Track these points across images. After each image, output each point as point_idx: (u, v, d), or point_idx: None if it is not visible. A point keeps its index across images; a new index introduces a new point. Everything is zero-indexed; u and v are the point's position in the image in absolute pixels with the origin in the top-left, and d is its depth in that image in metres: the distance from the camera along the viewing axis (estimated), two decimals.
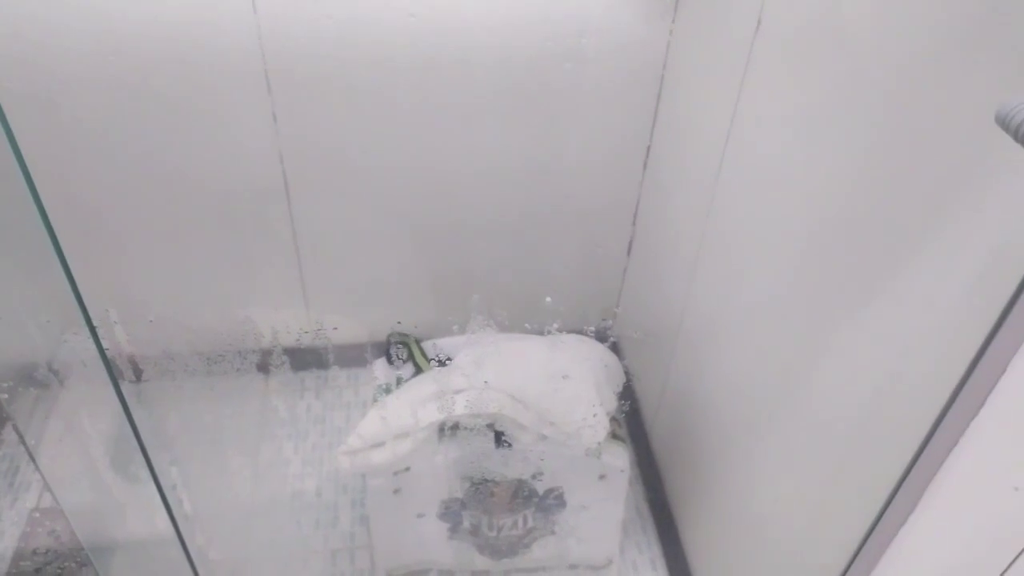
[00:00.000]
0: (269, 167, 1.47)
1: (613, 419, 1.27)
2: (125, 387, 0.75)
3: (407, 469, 1.23)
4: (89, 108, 1.33)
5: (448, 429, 1.22)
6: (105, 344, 0.70)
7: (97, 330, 0.69)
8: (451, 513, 1.32)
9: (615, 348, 1.37)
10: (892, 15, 0.78)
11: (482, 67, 1.39)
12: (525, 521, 1.35)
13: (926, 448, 0.68)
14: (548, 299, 1.29)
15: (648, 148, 1.55)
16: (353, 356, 1.78)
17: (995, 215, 0.65)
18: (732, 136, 1.15)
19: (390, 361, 1.35)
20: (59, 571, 1.45)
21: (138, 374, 1.17)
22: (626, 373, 1.36)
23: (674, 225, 1.46)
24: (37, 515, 1.53)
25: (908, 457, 0.71)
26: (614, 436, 1.28)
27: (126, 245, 1.50)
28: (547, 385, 1.20)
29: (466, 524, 1.34)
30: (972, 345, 0.63)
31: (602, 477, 1.29)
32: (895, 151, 0.78)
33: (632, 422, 1.73)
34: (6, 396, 0.75)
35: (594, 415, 1.17)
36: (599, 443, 1.19)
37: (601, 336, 1.38)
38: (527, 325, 1.28)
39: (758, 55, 1.06)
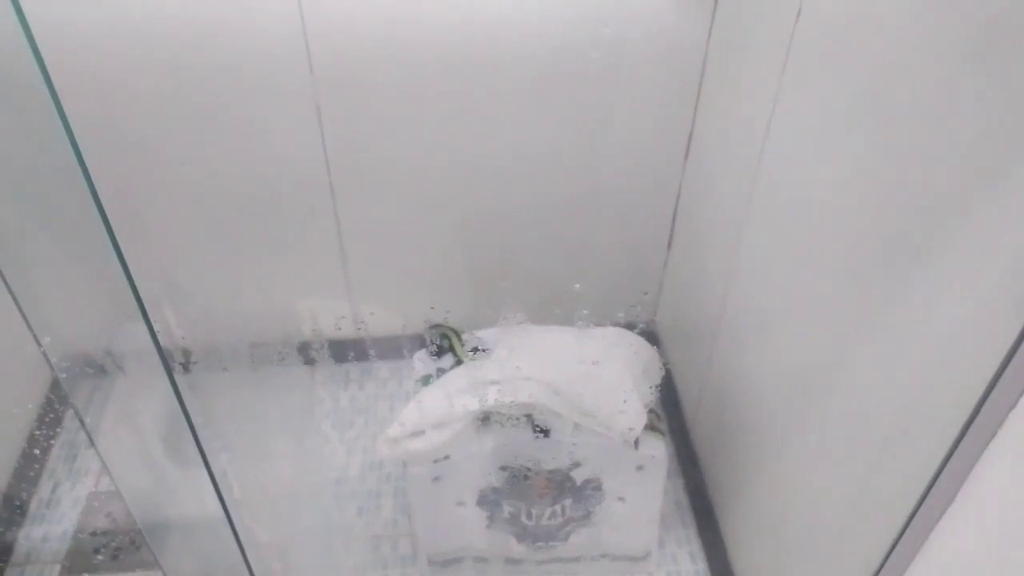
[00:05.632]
0: (314, 160, 1.50)
1: (652, 412, 1.27)
2: (177, 374, 0.78)
3: (447, 457, 1.25)
4: (141, 105, 1.38)
5: (486, 419, 1.24)
6: (158, 331, 0.73)
7: (151, 319, 0.72)
8: (490, 501, 1.34)
9: (654, 340, 1.37)
10: (934, 5, 0.76)
11: (521, 58, 1.40)
12: (563, 511, 1.36)
13: (962, 442, 0.68)
14: (577, 286, 1.29)
15: (690, 135, 1.53)
16: (395, 348, 1.81)
17: None
18: (774, 124, 1.14)
19: (431, 352, 1.37)
20: (116, 551, 1.52)
21: (188, 361, 1.21)
22: (665, 367, 1.36)
23: (716, 215, 1.45)
24: (95, 497, 1.60)
25: (945, 451, 0.71)
26: (653, 429, 1.28)
27: (178, 236, 1.55)
28: (579, 372, 1.21)
29: (505, 513, 1.35)
30: (1008, 338, 0.62)
31: (640, 468, 1.29)
32: (936, 143, 0.77)
33: (672, 416, 1.73)
34: (64, 376, 0.79)
35: (625, 401, 1.18)
36: (632, 429, 1.19)
37: (634, 325, 1.38)
38: (557, 310, 1.29)
39: (799, 43, 1.05)
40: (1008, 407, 0.63)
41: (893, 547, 0.81)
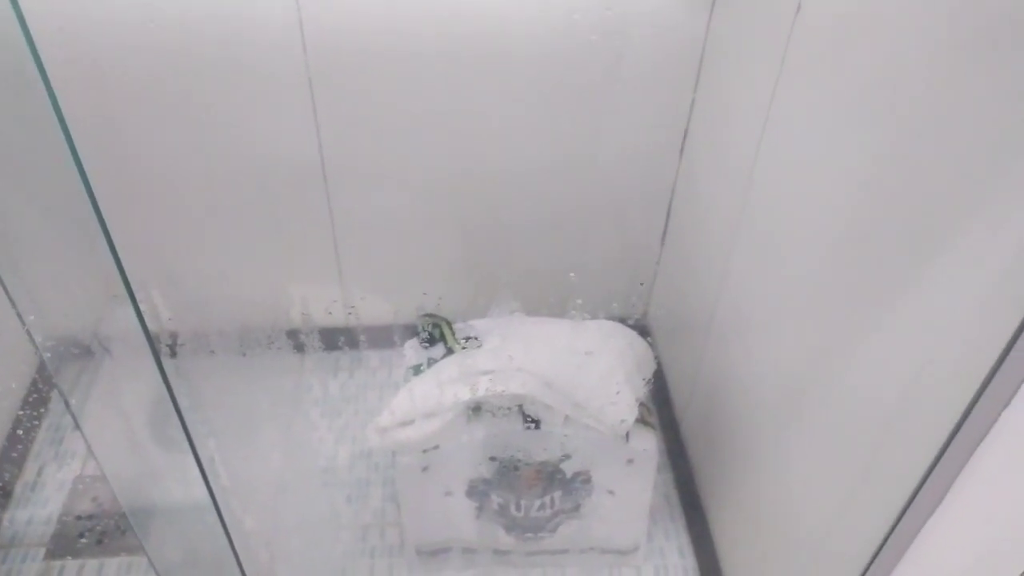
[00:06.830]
0: (307, 145, 1.49)
1: (643, 405, 1.27)
2: (164, 358, 0.78)
3: (436, 447, 1.25)
4: (134, 89, 1.36)
5: (476, 409, 1.23)
6: (145, 314, 0.72)
7: (139, 301, 0.72)
8: (479, 492, 1.33)
9: (646, 335, 1.37)
10: (933, 3, 0.76)
11: (518, 50, 1.40)
12: (552, 503, 1.36)
13: (954, 439, 0.67)
14: (572, 275, 1.29)
15: (685, 133, 1.53)
16: (386, 337, 1.80)
17: None
18: (770, 122, 1.14)
19: (422, 342, 1.36)
20: (101, 535, 1.51)
21: (176, 344, 1.20)
22: (657, 360, 1.36)
23: (710, 212, 1.45)
24: (81, 480, 1.59)
25: (937, 448, 0.71)
26: (644, 422, 1.28)
27: (168, 221, 1.54)
28: (571, 364, 1.21)
29: (494, 504, 1.35)
30: (1004, 335, 0.62)
31: (630, 462, 1.29)
32: (934, 140, 0.76)
33: (663, 411, 1.73)
34: (49, 356, 0.78)
35: (617, 393, 1.18)
36: (623, 421, 1.19)
37: (626, 319, 1.38)
38: (550, 299, 1.28)
39: (798, 40, 1.04)
40: (1000, 407, 0.63)
41: (883, 543, 0.81)
